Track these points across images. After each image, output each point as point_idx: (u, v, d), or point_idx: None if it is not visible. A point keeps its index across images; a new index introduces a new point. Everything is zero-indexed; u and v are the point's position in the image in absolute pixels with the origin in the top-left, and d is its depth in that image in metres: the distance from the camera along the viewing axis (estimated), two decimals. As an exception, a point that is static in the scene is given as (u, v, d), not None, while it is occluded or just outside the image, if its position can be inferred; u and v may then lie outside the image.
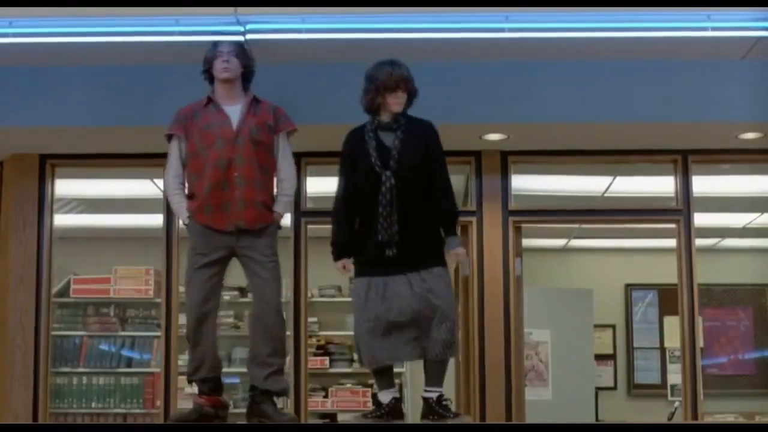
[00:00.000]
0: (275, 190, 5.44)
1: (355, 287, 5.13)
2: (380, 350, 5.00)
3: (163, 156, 7.22)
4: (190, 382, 5.48)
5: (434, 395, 5.03)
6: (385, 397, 5.11)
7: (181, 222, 5.38)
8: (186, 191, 5.40)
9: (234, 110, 5.35)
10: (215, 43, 5.49)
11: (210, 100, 5.40)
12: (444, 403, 5.03)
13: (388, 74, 5.07)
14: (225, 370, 8.87)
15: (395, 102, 5.09)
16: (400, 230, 4.96)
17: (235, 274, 5.35)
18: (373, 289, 5.01)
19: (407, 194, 5.00)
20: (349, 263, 5.16)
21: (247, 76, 5.47)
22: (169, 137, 5.46)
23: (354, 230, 5.15)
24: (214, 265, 5.26)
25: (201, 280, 5.24)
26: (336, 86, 6.38)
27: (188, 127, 5.36)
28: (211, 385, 5.39)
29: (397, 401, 5.13)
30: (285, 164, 5.43)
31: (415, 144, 5.09)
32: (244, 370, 9.37)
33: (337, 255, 5.19)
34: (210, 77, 5.44)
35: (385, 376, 5.14)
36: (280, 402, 8.63)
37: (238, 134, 5.27)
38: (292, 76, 6.49)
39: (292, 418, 5.46)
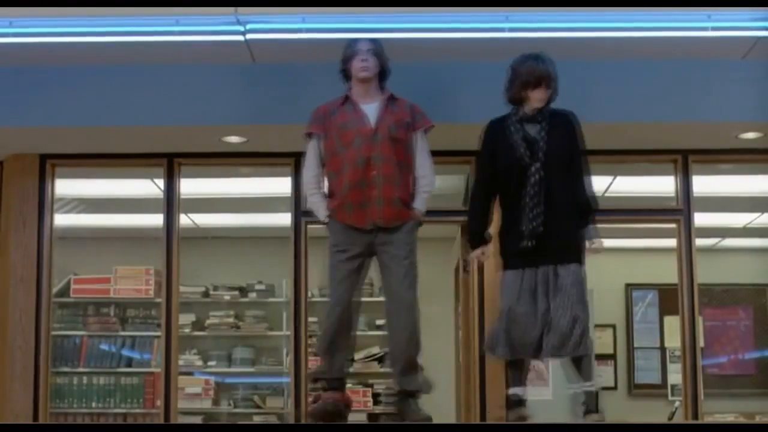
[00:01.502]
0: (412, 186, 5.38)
1: (500, 279, 5.18)
2: (510, 344, 5.06)
3: (162, 156, 7.30)
4: (316, 381, 5.39)
5: (582, 389, 5.20)
6: (519, 392, 5.19)
7: (321, 220, 5.34)
8: (325, 189, 5.39)
9: (371, 108, 5.31)
10: (353, 42, 5.41)
11: (347, 99, 5.35)
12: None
13: (531, 70, 5.17)
14: (225, 370, 8.98)
15: (537, 98, 5.18)
16: (544, 222, 5.02)
17: (235, 274, 5.33)
18: (514, 280, 5.07)
19: (553, 186, 5.07)
20: (487, 249, 5.23)
21: (383, 75, 5.41)
22: (308, 135, 5.41)
23: (490, 219, 5.23)
24: (355, 260, 5.26)
25: (343, 276, 5.26)
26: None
27: (326, 126, 5.33)
28: (343, 381, 5.37)
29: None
30: (423, 161, 5.39)
31: (561, 136, 5.17)
32: (244, 370, 9.37)
33: (475, 243, 5.24)
34: (346, 75, 5.39)
35: (521, 370, 5.20)
36: (281, 402, 8.67)
37: (376, 132, 5.24)
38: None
39: (426, 417, 5.21)
